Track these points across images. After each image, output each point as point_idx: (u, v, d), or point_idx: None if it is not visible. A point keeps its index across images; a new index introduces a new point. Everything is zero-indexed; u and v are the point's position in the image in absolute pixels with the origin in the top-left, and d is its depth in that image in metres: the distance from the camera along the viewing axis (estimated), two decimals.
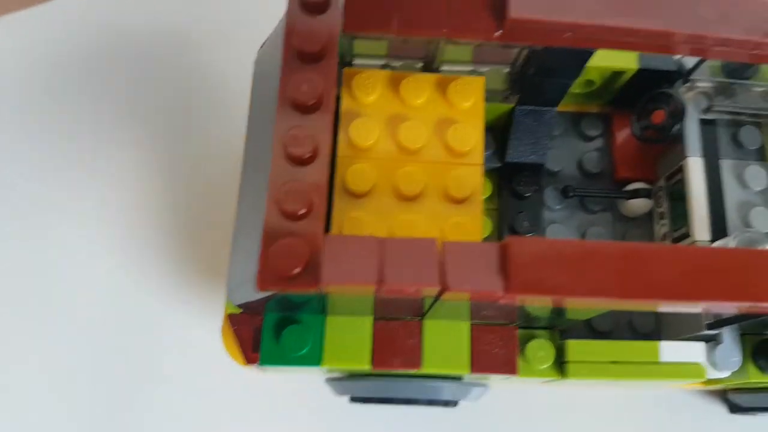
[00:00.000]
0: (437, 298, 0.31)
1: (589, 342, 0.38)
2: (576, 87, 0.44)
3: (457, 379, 0.40)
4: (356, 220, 0.35)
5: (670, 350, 0.38)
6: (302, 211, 0.30)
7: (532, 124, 0.42)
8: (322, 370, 0.38)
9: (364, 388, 0.40)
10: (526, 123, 0.42)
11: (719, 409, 0.50)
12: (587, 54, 0.38)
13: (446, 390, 0.40)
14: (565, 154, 0.45)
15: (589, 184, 0.45)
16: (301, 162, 0.31)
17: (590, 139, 0.46)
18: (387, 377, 0.40)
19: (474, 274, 0.29)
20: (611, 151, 0.45)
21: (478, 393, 0.42)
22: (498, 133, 0.43)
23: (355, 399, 0.43)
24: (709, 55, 0.36)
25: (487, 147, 0.43)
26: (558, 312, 0.36)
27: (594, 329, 0.41)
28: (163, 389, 0.50)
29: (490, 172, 0.43)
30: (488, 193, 0.43)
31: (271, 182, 0.30)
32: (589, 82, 0.44)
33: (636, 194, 0.43)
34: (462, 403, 0.46)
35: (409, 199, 0.36)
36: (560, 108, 0.46)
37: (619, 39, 0.35)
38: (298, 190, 0.30)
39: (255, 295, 0.33)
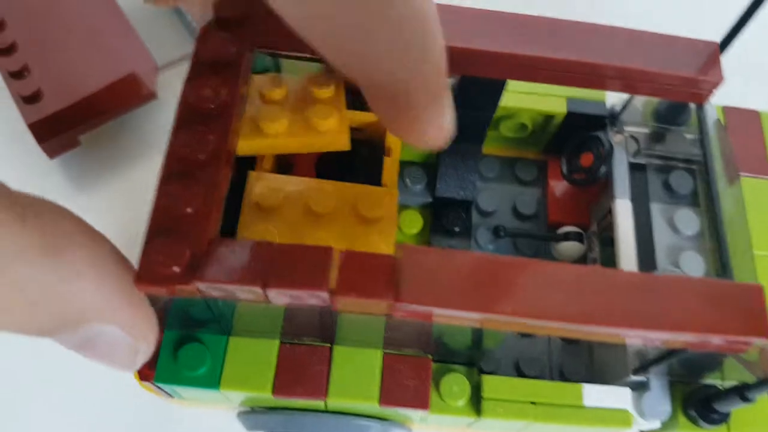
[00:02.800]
0: (331, 309, 0.27)
1: (508, 379, 0.33)
2: (510, 131, 0.42)
3: (380, 419, 0.36)
4: (263, 233, 0.31)
5: (595, 394, 0.33)
6: (189, 211, 0.27)
7: (459, 161, 0.39)
8: (227, 397, 0.33)
9: (275, 422, 0.36)
10: (452, 159, 0.39)
11: None
12: (500, 85, 0.35)
13: (364, 429, 0.35)
14: (499, 196, 0.42)
15: (523, 226, 0.42)
16: (195, 164, 0.28)
17: (525, 183, 0.43)
18: (301, 411, 0.35)
19: (365, 281, 0.26)
20: (546, 196, 0.43)
21: None
22: (429, 168, 0.41)
23: None
24: (609, 87, 0.34)
25: (418, 181, 0.40)
26: (470, 340, 0.32)
27: (522, 372, 0.37)
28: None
29: (422, 207, 0.41)
30: (419, 227, 0.40)
31: (160, 181, 0.27)
32: (522, 126, 0.42)
33: (567, 237, 0.40)
34: None
35: (319, 216, 0.33)
36: (496, 152, 0.44)
37: (529, 70, 0.33)
38: (187, 190, 0.27)
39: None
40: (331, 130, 0.33)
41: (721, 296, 0.27)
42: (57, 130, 0.46)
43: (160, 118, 0.53)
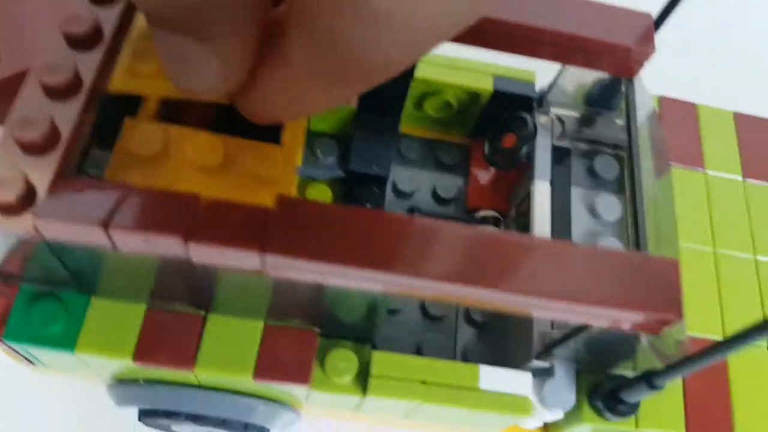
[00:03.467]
0: (192, 264, 0.24)
1: (400, 356, 0.30)
2: (434, 110, 0.40)
3: (266, 398, 0.33)
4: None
5: (491, 377, 0.30)
6: (39, 144, 0.24)
7: (375, 134, 0.37)
8: (86, 362, 0.30)
9: (146, 396, 0.32)
10: (368, 131, 0.37)
11: None
12: None
13: (246, 408, 0.32)
14: (418, 178, 0.40)
15: (440, 210, 0.39)
16: (56, 95, 0.25)
17: (446, 167, 0.40)
18: (177, 386, 0.32)
19: (228, 229, 0.23)
20: (467, 181, 0.40)
21: (288, 420, 0.34)
22: (342, 140, 0.38)
23: (141, 416, 0.34)
24: (546, 55, 0.32)
25: (329, 153, 0.38)
26: (359, 311, 0.29)
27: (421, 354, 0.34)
28: None
29: (331, 182, 0.38)
30: (328, 201, 0.37)
31: (15, 110, 0.25)
32: (447, 105, 0.39)
33: (484, 221, 0.38)
34: None
35: (202, 170, 0.30)
36: (419, 133, 0.41)
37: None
38: (38, 120, 0.24)
39: None
40: None
41: (635, 269, 0.24)
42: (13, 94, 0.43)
43: None
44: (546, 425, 0.34)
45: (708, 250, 0.36)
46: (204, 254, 0.23)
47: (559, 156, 0.37)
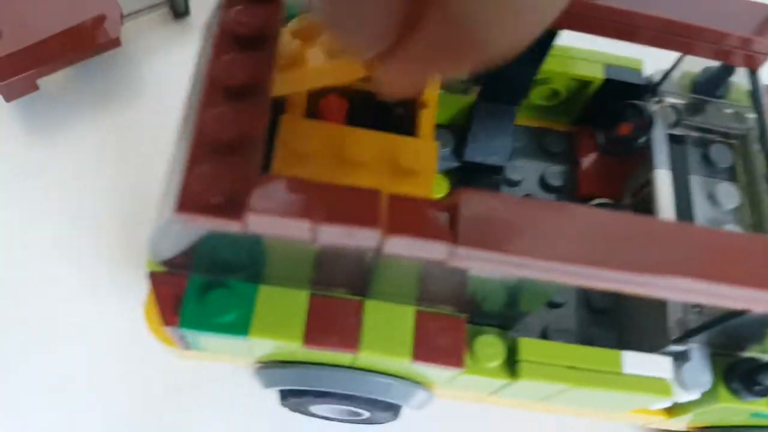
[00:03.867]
0: (379, 252, 0.26)
1: (545, 342, 0.32)
2: (541, 98, 0.41)
3: (402, 378, 0.34)
4: None
5: (634, 361, 0.32)
6: (235, 136, 0.25)
7: (493, 122, 0.38)
8: (251, 347, 0.32)
9: (294, 377, 0.34)
10: (486, 120, 0.38)
11: None
12: (549, 36, 0.34)
13: (387, 387, 0.34)
14: (527, 167, 0.41)
15: (549, 198, 0.40)
16: (236, 95, 0.27)
17: (553, 155, 0.42)
18: (320, 366, 0.34)
19: (419, 223, 0.25)
20: (575, 169, 0.41)
21: (423, 399, 0.36)
22: (458, 130, 0.39)
23: (285, 398, 0.36)
24: (671, 45, 0.33)
25: (444, 144, 0.39)
26: (509, 300, 0.31)
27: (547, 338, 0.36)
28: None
29: (448, 172, 0.39)
30: (443, 193, 0.38)
31: (200, 110, 0.26)
32: (554, 93, 0.40)
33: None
34: (403, 420, 0.39)
35: (354, 165, 0.31)
36: (525, 123, 0.42)
37: (585, 19, 0.32)
38: (230, 118, 0.26)
39: (176, 239, 0.28)
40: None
41: None
42: (15, 71, 0.43)
43: (124, 67, 0.51)
44: (671, 406, 0.36)
45: None
46: (397, 246, 0.25)
47: (675, 144, 0.38)
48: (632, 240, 0.24)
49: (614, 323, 0.37)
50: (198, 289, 0.30)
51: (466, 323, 0.32)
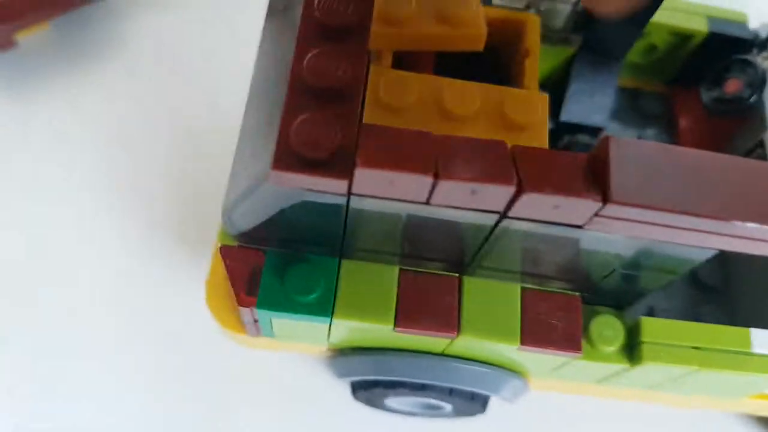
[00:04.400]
0: (502, 217, 0.22)
1: (670, 322, 0.28)
2: (636, 55, 0.37)
3: (495, 365, 0.31)
4: None
5: (765, 338, 0.28)
6: (337, 80, 0.21)
7: (594, 78, 0.34)
8: (331, 331, 0.28)
9: (373, 365, 0.30)
10: (587, 75, 0.34)
11: None
12: None
13: (475, 376, 0.30)
14: (620, 131, 0.37)
15: None
16: (335, 35, 0.23)
17: (649, 118, 0.38)
18: (403, 353, 0.30)
19: (559, 176, 0.21)
20: (673, 132, 0.37)
21: (516, 389, 0.32)
22: (553, 89, 0.35)
23: (357, 390, 0.33)
24: None
25: None
26: (632, 276, 0.27)
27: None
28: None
29: None
30: None
31: (297, 51, 0.22)
32: (652, 48, 0.36)
33: None
34: (491, 413, 0.36)
35: (457, 119, 0.27)
36: (618, 82, 0.38)
37: None
38: (330, 60, 0.22)
39: (263, 206, 0.24)
40: (467, 23, 0.28)
41: None
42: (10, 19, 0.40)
43: (107, 22, 0.48)
44: None
45: None
46: (535, 206, 0.21)
47: None
48: None
49: (724, 301, 0.34)
50: (277, 265, 0.26)
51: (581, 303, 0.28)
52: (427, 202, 0.21)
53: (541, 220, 0.22)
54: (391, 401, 0.34)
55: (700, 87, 0.36)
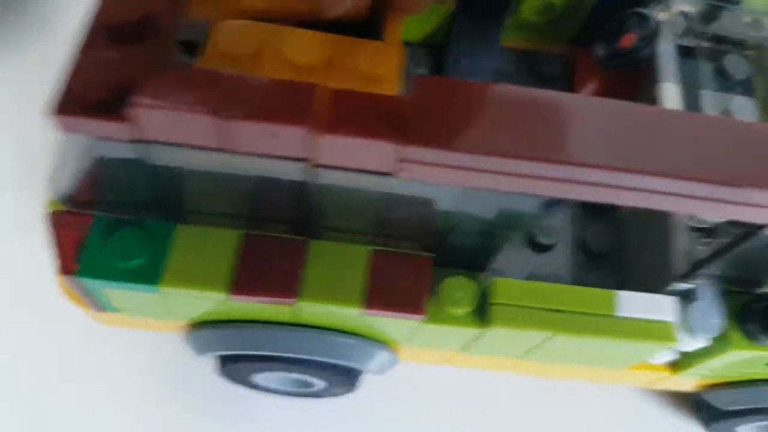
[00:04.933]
0: (312, 166, 0.21)
1: (525, 283, 0.26)
2: (533, 13, 0.35)
3: (363, 336, 0.29)
4: None
5: (630, 303, 0.27)
6: (131, 29, 0.20)
7: (475, 40, 0.33)
8: (168, 302, 0.26)
9: (232, 339, 0.29)
10: (467, 37, 0.33)
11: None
12: None
13: (336, 347, 0.29)
14: None
15: None
16: None
17: (548, 79, 0.36)
18: (260, 325, 0.28)
19: (362, 119, 0.19)
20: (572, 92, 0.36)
21: (385, 361, 0.31)
22: (436, 51, 0.34)
23: (224, 364, 0.31)
24: None
25: (422, 64, 0.34)
26: (483, 230, 0.26)
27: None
28: None
29: None
30: None
31: None
32: (549, 7, 0.35)
33: None
34: (364, 390, 0.35)
35: (304, 70, 0.26)
36: (515, 44, 0.37)
37: None
38: (131, 3, 0.20)
39: (73, 162, 0.23)
40: None
41: None
42: None
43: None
44: (676, 360, 0.31)
45: None
46: (333, 150, 0.20)
47: (684, 56, 0.33)
48: (631, 134, 0.19)
49: (615, 269, 0.32)
50: (104, 230, 0.25)
51: (433, 264, 0.27)
52: (222, 148, 0.20)
53: (348, 168, 0.21)
54: (260, 378, 0.32)
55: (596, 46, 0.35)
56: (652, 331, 0.26)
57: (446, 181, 0.20)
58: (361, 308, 0.25)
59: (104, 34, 0.20)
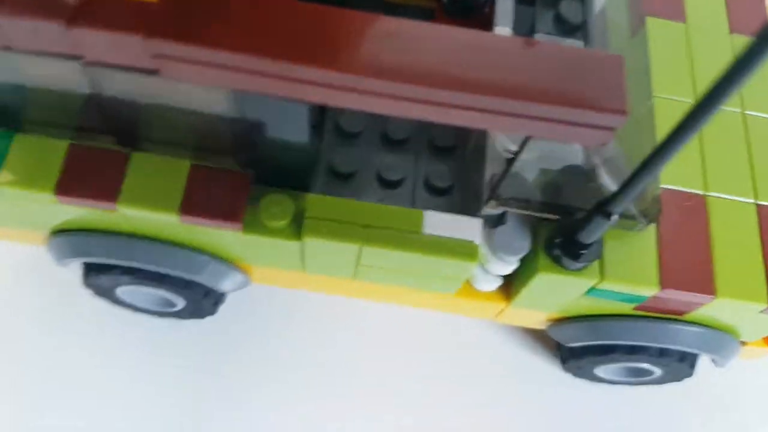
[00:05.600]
0: (86, 64, 0.23)
1: (338, 199, 0.28)
2: None
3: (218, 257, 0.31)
4: None
5: (437, 221, 0.28)
6: None
7: None
8: (14, 205, 0.29)
9: (86, 245, 0.31)
10: None
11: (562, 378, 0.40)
12: None
13: (191, 262, 0.31)
14: None
15: None
16: None
17: None
18: (129, 237, 0.31)
19: (111, 13, 0.21)
20: None
21: (237, 280, 0.33)
22: None
23: (87, 272, 0.33)
24: None
25: None
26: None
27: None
28: None
29: None
30: None
31: None
32: None
33: None
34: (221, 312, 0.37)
35: None
36: None
37: None
38: None
39: None
40: None
41: (573, 64, 0.22)
42: None
43: None
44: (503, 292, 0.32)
45: (688, 102, 0.33)
46: (93, 47, 0.22)
47: (526, 6, 0.34)
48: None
49: (455, 205, 0.33)
50: None
51: (255, 182, 0.29)
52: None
53: (113, 64, 0.22)
54: (121, 293, 0.34)
55: None
56: (455, 248, 0.28)
57: (207, 80, 0.22)
58: (177, 215, 0.27)
59: None
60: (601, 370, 0.37)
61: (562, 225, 0.28)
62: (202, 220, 0.27)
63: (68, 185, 0.27)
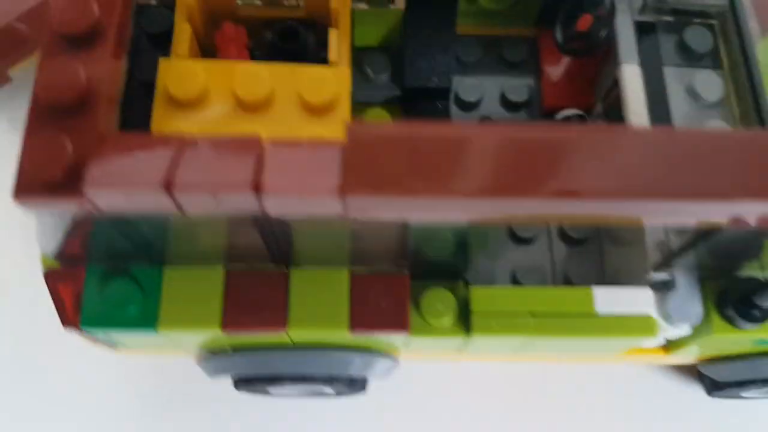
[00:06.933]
0: (265, 217, 0.22)
1: (501, 288, 0.28)
2: (491, 0, 0.35)
3: (361, 349, 0.31)
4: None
5: (608, 298, 0.27)
6: (73, 102, 0.21)
7: (428, 40, 0.33)
8: (171, 339, 0.28)
9: (240, 364, 0.31)
10: (420, 38, 0.33)
11: (696, 393, 0.40)
12: None
13: (343, 361, 0.31)
14: (484, 84, 0.35)
15: (513, 117, 0.36)
16: (78, 42, 0.22)
17: (514, 66, 0.36)
18: (269, 349, 0.30)
19: (302, 172, 0.20)
20: (539, 78, 0.36)
21: (386, 367, 0.32)
22: (394, 53, 0.34)
23: (239, 383, 0.33)
24: None
25: (381, 70, 0.34)
26: (452, 245, 0.26)
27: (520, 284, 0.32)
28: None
29: (389, 104, 0.34)
30: None
31: (39, 66, 0.22)
32: None
33: (567, 122, 0.34)
34: (372, 387, 0.36)
35: (252, 107, 0.26)
36: (476, 31, 0.36)
37: None
38: (68, 74, 0.22)
39: (51, 227, 0.24)
40: None
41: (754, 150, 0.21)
42: None
43: None
44: (668, 342, 0.32)
45: None
46: (279, 205, 0.21)
47: (644, 33, 0.32)
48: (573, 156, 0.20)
49: (593, 256, 0.33)
50: (97, 282, 0.27)
51: (410, 280, 0.28)
52: (181, 213, 0.21)
53: (302, 216, 0.22)
54: (275, 390, 0.34)
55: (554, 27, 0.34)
56: (633, 325, 0.27)
57: (400, 216, 0.21)
58: (348, 331, 0.27)
59: (46, 111, 0.21)
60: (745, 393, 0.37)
61: (737, 289, 0.27)
62: (372, 332, 0.27)
63: (235, 318, 0.27)
